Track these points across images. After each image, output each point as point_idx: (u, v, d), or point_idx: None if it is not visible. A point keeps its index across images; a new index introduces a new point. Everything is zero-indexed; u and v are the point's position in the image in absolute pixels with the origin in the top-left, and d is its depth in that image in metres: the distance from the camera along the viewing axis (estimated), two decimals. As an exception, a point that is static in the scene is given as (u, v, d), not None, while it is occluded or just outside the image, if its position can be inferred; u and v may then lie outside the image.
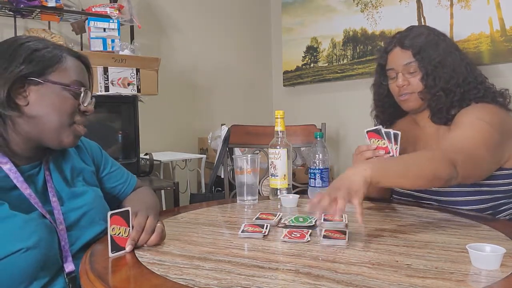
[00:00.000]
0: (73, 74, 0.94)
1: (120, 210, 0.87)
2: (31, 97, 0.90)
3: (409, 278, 0.70)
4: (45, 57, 0.91)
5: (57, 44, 0.98)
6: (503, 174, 1.21)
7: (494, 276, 0.71)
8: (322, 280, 0.70)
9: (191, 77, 3.01)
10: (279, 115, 1.36)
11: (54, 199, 0.93)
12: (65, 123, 0.93)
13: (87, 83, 0.99)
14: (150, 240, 0.89)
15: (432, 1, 2.37)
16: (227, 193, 1.94)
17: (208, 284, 0.69)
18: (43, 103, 0.90)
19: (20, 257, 0.80)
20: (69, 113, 0.93)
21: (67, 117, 0.93)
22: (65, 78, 0.92)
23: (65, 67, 0.93)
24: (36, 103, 0.90)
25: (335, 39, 2.95)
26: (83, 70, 0.99)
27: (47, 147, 0.96)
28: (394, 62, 1.30)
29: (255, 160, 1.30)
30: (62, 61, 0.93)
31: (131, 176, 1.22)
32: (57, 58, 0.93)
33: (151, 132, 2.62)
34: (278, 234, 0.98)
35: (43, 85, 0.90)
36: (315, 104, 3.14)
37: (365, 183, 0.91)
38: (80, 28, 2.23)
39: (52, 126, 0.91)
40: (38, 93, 0.90)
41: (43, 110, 0.90)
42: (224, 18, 3.19)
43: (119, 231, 0.86)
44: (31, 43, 0.92)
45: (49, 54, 0.92)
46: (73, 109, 0.94)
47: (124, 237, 0.86)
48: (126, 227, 0.87)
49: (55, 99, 0.91)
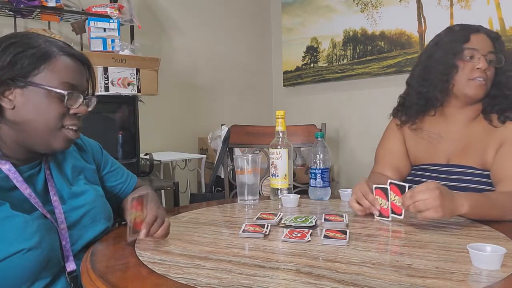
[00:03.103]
0: (62, 75, 0.88)
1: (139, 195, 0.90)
2: (17, 101, 0.86)
3: (409, 278, 0.70)
4: (31, 58, 0.86)
5: (52, 40, 0.92)
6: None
7: (495, 276, 0.71)
8: (323, 280, 0.70)
9: (191, 77, 3.01)
10: (280, 115, 1.36)
11: (55, 198, 0.93)
12: (52, 127, 0.88)
13: (80, 84, 0.92)
14: (158, 233, 0.90)
15: (432, 1, 2.38)
16: (227, 193, 1.94)
17: (209, 283, 0.69)
18: (29, 107, 0.86)
19: (22, 257, 0.79)
20: (55, 117, 0.88)
21: (54, 120, 0.88)
22: (51, 79, 0.87)
23: (53, 67, 0.88)
24: (22, 107, 0.86)
25: (335, 39, 2.95)
26: (77, 70, 0.92)
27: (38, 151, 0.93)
28: (480, 44, 1.27)
29: (256, 160, 1.30)
30: (51, 61, 0.88)
31: (131, 175, 1.22)
32: (44, 58, 0.87)
33: (151, 132, 2.62)
34: (278, 234, 0.98)
35: (28, 88, 0.86)
36: (315, 104, 3.14)
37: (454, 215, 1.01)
38: (80, 28, 2.23)
39: (39, 131, 0.88)
40: (24, 96, 0.86)
41: (29, 115, 0.87)
42: (224, 18, 3.19)
43: (136, 215, 0.89)
44: (19, 43, 0.87)
45: (37, 53, 0.87)
46: (61, 112, 0.89)
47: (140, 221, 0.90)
48: (141, 212, 0.90)
49: (40, 102, 0.87)
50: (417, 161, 1.39)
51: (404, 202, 1.00)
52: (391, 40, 2.61)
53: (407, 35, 2.53)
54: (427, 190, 0.96)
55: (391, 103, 1.48)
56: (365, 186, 1.13)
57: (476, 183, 1.23)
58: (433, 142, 1.35)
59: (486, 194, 1.12)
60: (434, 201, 0.95)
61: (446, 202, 0.96)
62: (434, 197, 0.95)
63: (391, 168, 1.41)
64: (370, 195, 1.11)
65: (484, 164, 1.24)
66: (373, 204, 1.10)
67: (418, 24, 2.46)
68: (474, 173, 1.24)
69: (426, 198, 0.95)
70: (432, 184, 0.98)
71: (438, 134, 1.34)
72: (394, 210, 1.06)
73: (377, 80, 2.72)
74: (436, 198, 0.95)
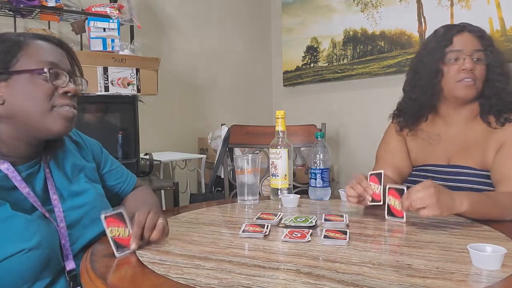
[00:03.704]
0: (40, 56, 0.89)
1: (113, 212, 0.86)
2: (4, 94, 0.87)
3: (410, 278, 0.70)
4: (5, 49, 0.87)
5: (22, 32, 0.93)
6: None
7: (495, 276, 0.71)
8: (323, 280, 0.70)
9: (191, 77, 3.01)
10: (280, 115, 1.36)
11: (54, 197, 0.93)
12: (43, 108, 0.88)
13: (61, 62, 0.92)
14: (152, 237, 0.88)
15: (432, 1, 2.38)
16: (227, 193, 1.94)
17: (209, 283, 0.69)
18: (17, 96, 0.87)
19: (23, 257, 0.79)
20: (44, 97, 0.88)
21: (43, 101, 0.88)
22: (31, 63, 0.87)
23: (29, 52, 0.88)
24: (10, 99, 0.87)
25: (335, 39, 2.95)
26: (53, 50, 0.92)
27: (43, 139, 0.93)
28: (464, 45, 1.26)
29: (256, 160, 1.30)
30: (25, 47, 0.88)
31: (131, 175, 1.22)
32: (18, 45, 0.88)
33: (151, 132, 2.62)
34: (278, 234, 0.98)
35: (12, 78, 0.86)
36: (315, 104, 3.14)
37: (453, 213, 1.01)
38: (80, 28, 2.23)
39: (32, 117, 0.87)
40: (9, 87, 0.86)
41: (19, 104, 0.87)
42: (224, 18, 3.19)
43: (118, 232, 0.86)
44: None
45: (9, 44, 0.88)
46: (49, 93, 0.88)
47: (125, 238, 0.86)
48: (124, 227, 0.87)
49: (26, 88, 0.87)
50: (418, 162, 1.40)
51: (402, 203, 1.01)
52: (391, 40, 2.61)
53: (407, 35, 2.53)
54: (422, 188, 0.98)
55: (391, 103, 1.48)
56: (361, 175, 1.15)
57: (476, 184, 1.23)
58: (433, 142, 1.35)
59: (486, 193, 1.12)
60: (430, 198, 0.95)
61: (442, 199, 0.97)
62: (429, 195, 0.96)
63: (391, 168, 1.41)
64: (364, 181, 1.13)
65: (484, 165, 1.24)
66: (366, 190, 1.11)
67: (418, 24, 2.46)
68: (475, 173, 1.24)
69: (422, 197, 0.96)
70: (427, 182, 0.99)
71: (437, 135, 1.35)
72: (396, 213, 1.07)
73: (377, 80, 2.72)
74: (431, 196, 0.96)
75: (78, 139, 1.09)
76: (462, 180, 1.25)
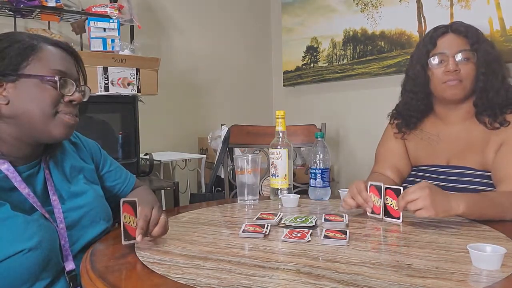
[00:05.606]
0: (51, 63, 0.90)
1: (130, 199, 0.88)
2: (10, 95, 0.87)
3: (409, 278, 0.70)
4: (17, 51, 0.87)
5: (35, 34, 0.94)
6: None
7: (495, 276, 0.71)
8: (323, 280, 0.70)
9: (191, 77, 3.01)
10: (280, 115, 1.36)
11: (54, 198, 0.93)
12: (47, 113, 0.89)
13: (70, 71, 0.94)
14: (154, 231, 0.89)
15: (432, 1, 2.38)
16: (227, 193, 1.94)
17: (209, 283, 0.69)
18: (23, 98, 0.87)
19: (22, 258, 0.79)
20: (49, 104, 0.89)
21: (48, 107, 0.89)
22: (41, 69, 0.89)
23: (41, 57, 0.89)
24: (16, 100, 0.87)
25: (335, 39, 2.95)
26: (64, 58, 0.94)
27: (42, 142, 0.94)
28: (447, 46, 1.27)
29: (256, 160, 1.30)
30: (37, 51, 0.89)
31: (130, 175, 1.22)
32: (31, 49, 0.89)
33: (151, 132, 2.62)
34: (278, 234, 0.98)
35: (20, 81, 0.87)
36: (315, 104, 3.14)
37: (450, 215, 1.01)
38: (80, 28, 2.23)
39: (35, 120, 0.88)
40: (16, 89, 0.87)
41: (24, 106, 0.88)
42: (224, 18, 3.19)
43: (130, 219, 0.88)
44: (4, 40, 0.89)
45: (23, 46, 0.88)
46: (54, 99, 0.90)
47: (133, 228, 0.88)
48: (134, 217, 0.88)
49: (33, 92, 0.88)
50: (417, 162, 1.40)
51: (398, 204, 1.02)
52: (391, 40, 2.61)
53: (407, 35, 2.52)
54: (417, 189, 0.98)
55: (391, 103, 1.48)
56: (361, 184, 1.14)
57: (476, 184, 1.23)
58: (432, 143, 1.35)
59: (484, 193, 1.12)
60: (425, 200, 0.96)
61: (437, 201, 0.97)
62: (424, 196, 0.96)
63: (391, 168, 1.41)
64: (365, 192, 1.12)
65: (484, 165, 1.23)
66: (366, 201, 1.11)
67: (418, 24, 2.46)
68: (474, 174, 1.24)
69: (417, 198, 0.97)
70: (422, 183, 0.99)
71: (436, 135, 1.35)
72: (392, 214, 1.07)
73: (377, 80, 2.72)
74: (426, 197, 0.96)
75: (77, 141, 1.09)
76: (462, 181, 1.25)
